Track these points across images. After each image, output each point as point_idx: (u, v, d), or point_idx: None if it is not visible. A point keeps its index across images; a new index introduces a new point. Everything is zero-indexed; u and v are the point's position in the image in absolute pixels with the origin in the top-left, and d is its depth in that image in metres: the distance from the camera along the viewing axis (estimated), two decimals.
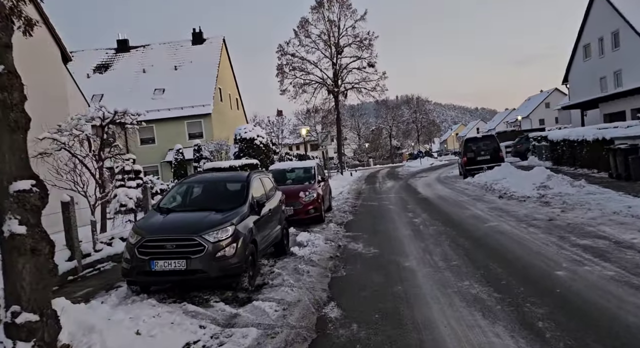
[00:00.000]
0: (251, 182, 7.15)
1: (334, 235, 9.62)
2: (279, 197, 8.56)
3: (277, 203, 8.13)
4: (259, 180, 7.69)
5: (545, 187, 11.94)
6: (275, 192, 8.50)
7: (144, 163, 30.92)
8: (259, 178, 7.69)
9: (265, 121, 60.14)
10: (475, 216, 9.97)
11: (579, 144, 15.88)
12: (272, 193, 8.16)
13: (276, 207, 8.03)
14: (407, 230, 9.31)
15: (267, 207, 7.40)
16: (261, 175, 8.03)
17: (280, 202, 8.46)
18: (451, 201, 13.18)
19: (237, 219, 6.11)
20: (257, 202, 6.82)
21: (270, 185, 8.32)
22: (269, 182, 8.37)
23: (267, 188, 7.89)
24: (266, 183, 8.01)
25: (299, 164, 13.67)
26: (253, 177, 7.38)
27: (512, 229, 7.97)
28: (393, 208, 13.31)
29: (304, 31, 31.13)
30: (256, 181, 7.48)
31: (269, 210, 7.44)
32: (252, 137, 22.75)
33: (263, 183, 7.80)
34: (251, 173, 7.54)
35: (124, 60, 34.13)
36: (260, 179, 7.75)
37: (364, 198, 17.23)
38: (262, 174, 8.12)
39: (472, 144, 20.03)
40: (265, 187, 7.85)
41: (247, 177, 7.28)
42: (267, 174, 8.67)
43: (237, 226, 6.01)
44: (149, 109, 30.79)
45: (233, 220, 6.01)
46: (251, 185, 7.06)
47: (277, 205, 8.15)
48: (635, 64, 27.17)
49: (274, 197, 8.20)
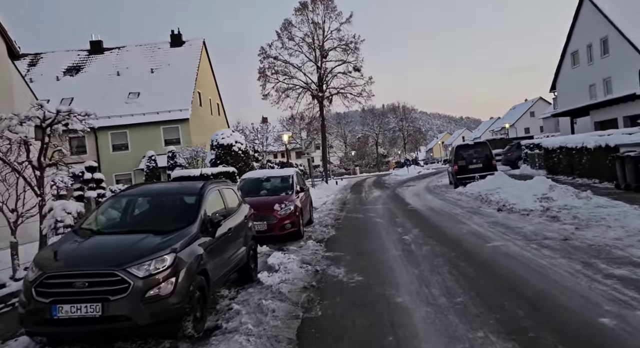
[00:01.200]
0: (206, 195, 5.75)
1: (312, 256, 8.24)
2: (246, 212, 7.16)
3: (241, 220, 6.72)
4: (218, 193, 6.29)
5: (548, 198, 10.75)
6: (241, 206, 7.10)
7: (116, 170, 29.25)
8: (217, 191, 6.28)
9: (249, 128, 58.57)
10: (474, 233, 8.69)
11: (577, 151, 14.82)
12: (235, 208, 6.76)
13: (240, 224, 6.63)
14: (396, 250, 7.98)
15: (227, 226, 6.00)
16: (221, 186, 6.62)
17: (246, 219, 7.06)
18: (444, 214, 11.91)
19: (181, 244, 4.71)
20: (211, 220, 5.42)
21: (233, 198, 6.91)
22: (232, 195, 6.96)
23: (228, 202, 6.49)
24: (228, 196, 6.61)
25: (275, 173, 12.30)
26: (209, 189, 5.98)
27: (522, 251, 6.69)
28: (380, 222, 11.99)
29: (287, 33, 29.92)
30: (213, 194, 6.07)
31: (229, 229, 6.03)
32: (230, 143, 21.31)
33: (223, 196, 6.39)
34: (207, 184, 6.13)
35: (97, 62, 32.45)
36: (219, 191, 6.35)
37: (349, 209, 15.89)
38: (222, 185, 6.71)
39: (463, 152, 18.91)
40: (226, 200, 6.44)
41: (201, 188, 5.87)
42: (231, 184, 7.26)
43: (180, 253, 4.61)
44: (123, 114, 29.34)
45: (175, 246, 4.61)
46: (205, 199, 5.66)
47: (242, 222, 6.75)
48: (626, 70, 26.52)
49: (238, 212, 6.80)
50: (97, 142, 28.73)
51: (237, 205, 6.99)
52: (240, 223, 6.65)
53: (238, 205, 7.02)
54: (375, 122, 76.64)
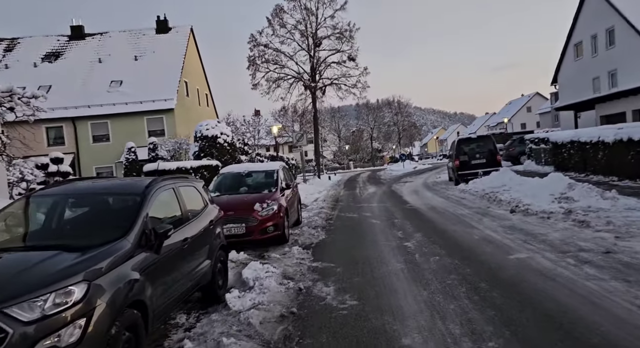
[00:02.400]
0: (151, 195, 4.34)
1: (296, 268, 6.86)
2: (212, 215, 5.76)
3: (204, 226, 5.33)
4: (172, 193, 4.87)
5: (568, 198, 9.45)
6: (206, 208, 5.70)
7: (96, 163, 27.62)
8: (171, 190, 4.87)
9: (240, 120, 56.93)
10: (489, 240, 7.35)
11: (592, 146, 13.53)
12: (197, 212, 5.36)
13: (203, 231, 5.24)
14: (398, 261, 6.62)
15: (182, 235, 4.61)
16: (179, 183, 5.19)
17: (213, 224, 5.66)
18: (449, 215, 10.57)
19: (102, 266, 3.33)
20: (155, 230, 4.01)
21: (194, 198, 5.50)
22: (194, 195, 5.55)
23: (186, 204, 5.08)
24: (187, 197, 5.20)
25: (258, 167, 10.88)
26: (158, 188, 4.56)
27: (557, 268, 5.35)
28: (376, 223, 10.64)
29: (278, 20, 28.31)
30: (164, 194, 4.66)
31: (185, 239, 4.64)
32: (215, 134, 19.85)
33: (180, 197, 4.98)
34: (157, 181, 4.70)
35: (78, 48, 30.69)
36: (174, 191, 4.93)
37: (342, 208, 14.53)
38: (181, 182, 5.28)
39: (465, 146, 17.56)
40: (184, 202, 5.03)
41: (147, 187, 4.45)
42: (193, 181, 5.83)
43: (99, 280, 3.23)
44: (104, 103, 27.62)
45: (91, 269, 3.24)
46: (149, 202, 4.24)
47: (206, 229, 5.36)
48: (633, 62, 25.31)
49: (201, 216, 5.40)
50: (76, 132, 27.09)
51: (201, 208, 5.59)
52: (203, 231, 5.26)
53: (202, 208, 5.61)
54: (371, 116, 75.30)
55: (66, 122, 26.73)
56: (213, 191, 9.70)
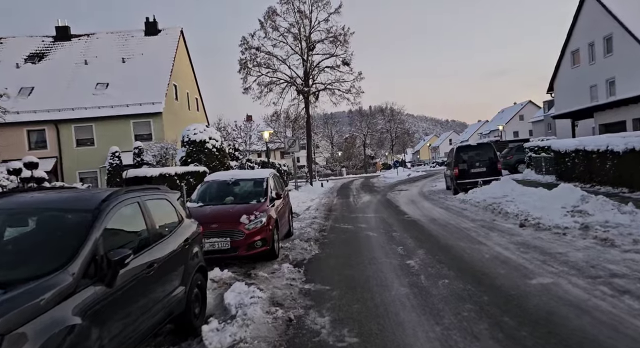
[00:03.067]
0: (105, 213, 3.49)
1: (285, 290, 6.04)
2: (188, 232, 4.94)
3: (178, 246, 4.50)
4: (136, 208, 4.03)
5: (582, 212, 8.74)
6: (181, 224, 4.87)
7: (80, 168, 26.53)
8: (135, 204, 4.03)
9: (231, 125, 56.10)
10: (502, 259, 6.58)
11: (599, 155, 12.89)
12: (169, 229, 4.52)
13: (176, 253, 4.41)
14: (401, 284, 5.83)
15: (147, 259, 3.78)
16: (147, 195, 4.35)
17: (189, 243, 4.82)
18: (451, 228, 9.81)
19: (22, 313, 2.49)
20: (108, 257, 3.18)
21: (166, 213, 4.67)
22: (166, 208, 4.72)
23: (155, 220, 4.24)
24: (158, 212, 4.37)
25: (246, 174, 10.04)
26: (116, 203, 3.71)
27: (592, 299, 4.57)
28: (374, 236, 9.84)
29: (271, 23, 27.59)
30: (125, 211, 3.82)
31: (151, 264, 3.81)
32: (203, 139, 19.00)
33: (146, 213, 4.13)
34: (115, 194, 3.84)
35: (63, 49, 29.70)
36: (140, 205, 4.09)
37: (336, 218, 13.73)
38: (149, 195, 4.43)
39: (465, 153, 16.88)
40: (152, 218, 4.19)
41: (102, 202, 3.60)
42: (166, 192, 4.99)
43: (18, 332, 2.40)
44: (89, 106, 26.62)
45: (7, 316, 2.41)
46: (102, 221, 3.40)
47: (180, 250, 4.53)
48: (631, 71, 24.94)
49: (175, 234, 4.57)
50: (59, 136, 26.03)
51: (175, 224, 4.76)
52: (176, 251, 4.43)
53: (176, 224, 4.78)
54: (364, 123, 74.82)
55: (48, 125, 25.68)
56: (196, 201, 8.87)
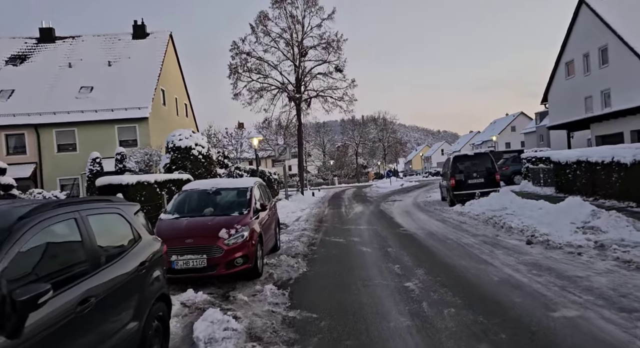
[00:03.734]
0: (19, 236, 2.62)
1: (266, 319, 5.20)
2: (147, 253, 4.09)
3: (130, 271, 3.66)
4: (73, 226, 3.17)
5: (594, 229, 8.03)
6: (136, 244, 4.02)
7: (61, 174, 25.41)
8: (71, 222, 3.16)
9: (222, 132, 55.21)
10: (514, 283, 5.80)
11: (604, 167, 12.26)
12: (118, 251, 3.68)
13: (127, 280, 3.57)
14: (400, 313, 5.02)
15: (78, 292, 2.93)
16: (90, 210, 3.49)
17: (145, 266, 3.97)
18: (452, 244, 9.03)
19: None
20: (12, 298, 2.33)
21: (119, 231, 3.84)
22: (119, 225, 3.88)
23: (98, 240, 3.39)
24: (103, 230, 3.52)
25: (228, 183, 9.19)
26: (38, 222, 2.82)
27: (636, 342, 3.79)
28: (367, 252, 9.04)
29: (262, 27, 26.91)
30: (57, 229, 2.98)
31: (86, 300, 2.95)
32: (188, 145, 18.12)
33: (86, 232, 3.25)
34: (40, 209, 2.91)
35: (47, 51, 28.74)
36: (77, 223, 3.22)
37: (327, 230, 12.90)
38: (93, 208, 3.57)
39: (461, 163, 16.20)
40: (92, 238, 3.31)
41: (18, 221, 2.72)
42: (121, 205, 4.13)
43: None
44: (72, 110, 25.63)
45: None
46: (10, 247, 2.54)
47: (133, 276, 3.69)
48: (627, 82, 24.59)
49: (126, 257, 3.73)
50: (39, 140, 24.97)
51: (128, 243, 3.92)
52: (126, 279, 3.58)
53: (130, 243, 3.94)
54: (356, 132, 74.35)
55: (28, 130, 24.62)
56: (171, 212, 8.01)
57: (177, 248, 6.81)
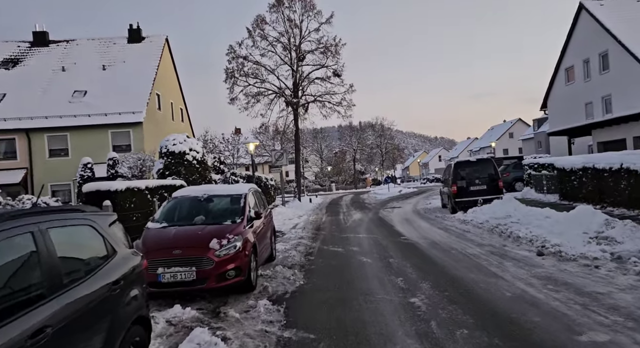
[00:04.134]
0: None
1: (258, 342, 4.73)
2: (121, 270, 3.60)
3: (101, 291, 3.17)
4: (29, 241, 2.68)
5: (608, 239, 7.58)
6: (109, 260, 3.53)
7: (53, 180, 24.78)
8: (27, 236, 2.68)
9: (218, 138, 54.73)
10: (529, 300, 5.33)
11: (612, 174, 11.84)
12: (87, 269, 3.20)
13: (97, 304, 3.08)
14: (407, 335, 4.54)
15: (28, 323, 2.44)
16: (53, 222, 3.00)
17: (119, 286, 3.48)
18: (457, 255, 8.56)
19: None
20: None
21: (89, 246, 3.36)
22: (89, 239, 3.39)
23: (61, 258, 2.91)
24: (68, 245, 3.05)
25: (221, 190, 8.70)
26: None
27: None
28: (368, 262, 8.56)
29: (259, 31, 26.56)
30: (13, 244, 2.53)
31: (41, 330, 2.47)
32: (182, 150, 17.63)
33: (45, 248, 2.78)
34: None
35: (40, 55, 28.26)
36: (34, 237, 2.73)
37: (324, 238, 12.41)
38: (57, 220, 3.08)
39: (463, 170, 15.77)
40: (53, 255, 2.84)
41: None
42: (92, 216, 3.65)
43: None
44: (64, 114, 25.14)
45: None
46: None
47: (105, 298, 3.21)
48: (628, 88, 24.31)
49: (97, 276, 3.24)
50: (30, 146, 24.43)
51: (100, 260, 3.43)
52: (95, 301, 3.09)
53: (102, 260, 3.45)
54: (354, 137, 74.02)
55: (19, 134, 24.08)
56: (159, 220, 7.52)
57: (164, 260, 6.33)
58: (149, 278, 6.36)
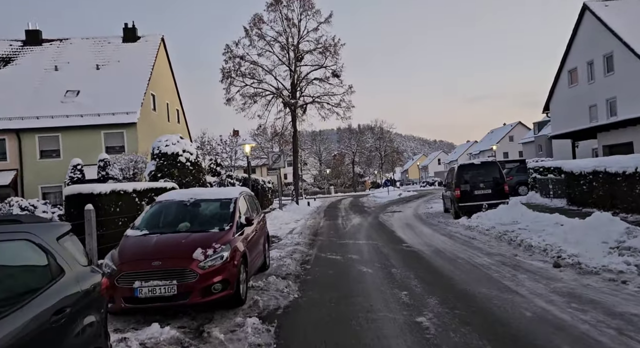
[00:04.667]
0: None
1: None
2: (72, 293, 2.96)
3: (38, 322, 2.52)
4: None
5: (631, 249, 6.94)
6: (57, 281, 2.88)
7: (44, 182, 24.12)
8: None
9: (216, 140, 54.10)
10: (553, 322, 4.69)
11: (625, 177, 11.23)
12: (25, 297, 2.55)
13: (32, 339, 2.44)
14: None
15: None
16: None
17: (65, 314, 2.83)
18: (464, 265, 7.91)
19: None
20: None
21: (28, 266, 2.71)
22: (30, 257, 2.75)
23: None
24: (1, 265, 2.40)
25: (210, 194, 8.04)
26: None
27: None
28: (368, 273, 7.91)
29: (256, 31, 25.96)
30: None
31: None
32: (175, 151, 16.97)
33: None
34: None
35: (33, 54, 27.64)
36: None
37: (322, 245, 11.76)
38: None
39: (467, 173, 15.15)
40: None
41: None
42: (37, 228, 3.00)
43: None
44: (56, 114, 24.49)
45: None
46: None
47: (45, 329, 2.55)
48: (634, 90, 23.76)
49: (34, 303, 2.59)
50: (20, 146, 23.77)
51: (46, 281, 2.78)
52: (29, 335, 2.45)
53: (46, 281, 2.80)
54: (353, 140, 73.43)
55: (9, 135, 23.42)
56: (139, 227, 6.86)
57: (142, 273, 5.67)
58: (124, 293, 5.74)
